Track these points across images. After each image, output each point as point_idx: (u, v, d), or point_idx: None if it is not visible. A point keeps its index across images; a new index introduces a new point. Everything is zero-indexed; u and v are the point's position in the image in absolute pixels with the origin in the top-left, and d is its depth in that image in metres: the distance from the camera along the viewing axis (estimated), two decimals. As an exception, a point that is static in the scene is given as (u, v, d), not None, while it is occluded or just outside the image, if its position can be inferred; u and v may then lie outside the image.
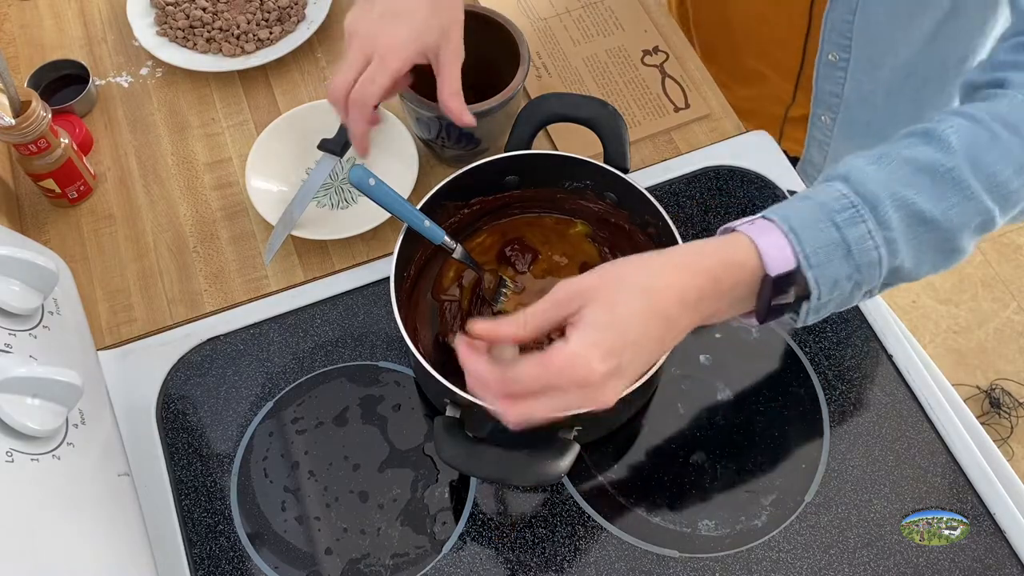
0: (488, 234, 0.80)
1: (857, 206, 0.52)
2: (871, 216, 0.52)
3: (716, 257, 0.53)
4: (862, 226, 0.52)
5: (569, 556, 0.70)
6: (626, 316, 0.51)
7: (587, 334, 0.51)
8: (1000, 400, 1.77)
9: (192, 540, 0.71)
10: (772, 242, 0.53)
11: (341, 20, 0.98)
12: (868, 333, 0.79)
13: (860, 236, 0.52)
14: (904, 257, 0.54)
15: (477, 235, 0.80)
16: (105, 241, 0.85)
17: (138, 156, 0.90)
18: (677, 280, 0.52)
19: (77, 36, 0.97)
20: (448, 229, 0.76)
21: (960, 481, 0.72)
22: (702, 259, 0.53)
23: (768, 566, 0.70)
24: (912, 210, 0.53)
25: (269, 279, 0.83)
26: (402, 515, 0.71)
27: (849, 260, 0.52)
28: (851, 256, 0.52)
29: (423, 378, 0.72)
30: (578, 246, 0.79)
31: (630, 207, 0.74)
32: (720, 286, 0.53)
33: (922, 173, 0.53)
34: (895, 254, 0.53)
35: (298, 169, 0.87)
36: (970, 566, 0.69)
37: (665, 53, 0.95)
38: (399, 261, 0.69)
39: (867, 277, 0.53)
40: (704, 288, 0.53)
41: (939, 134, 0.54)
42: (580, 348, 0.50)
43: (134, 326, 0.81)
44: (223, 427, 0.75)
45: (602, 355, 0.50)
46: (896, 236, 0.53)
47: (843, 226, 0.52)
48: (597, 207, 0.77)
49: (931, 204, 0.53)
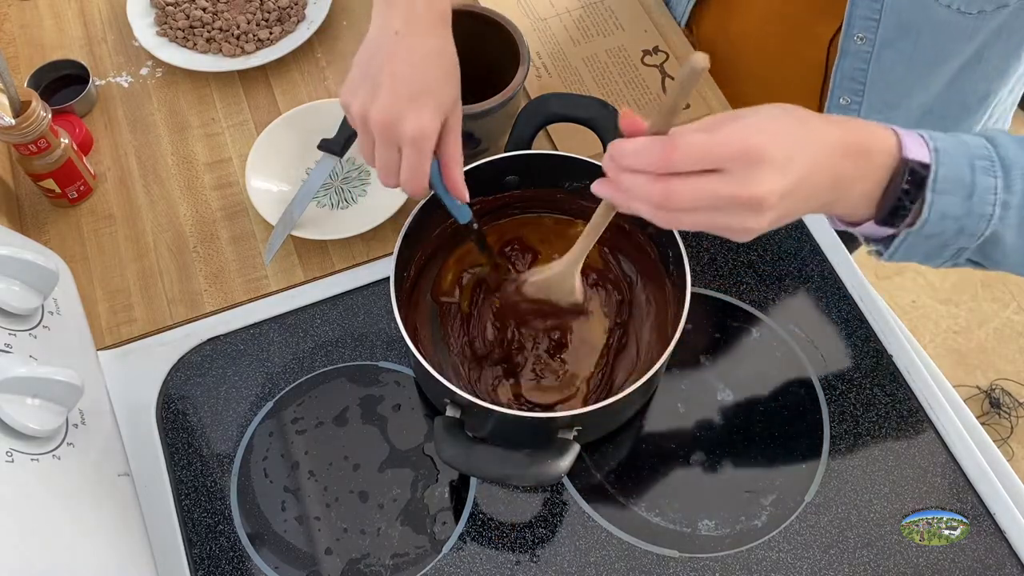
0: (487, 234, 0.79)
1: (994, 162, 0.55)
2: (1003, 175, 0.55)
3: (865, 129, 0.54)
4: (991, 179, 0.55)
5: (569, 556, 0.70)
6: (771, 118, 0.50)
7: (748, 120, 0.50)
8: (1000, 400, 1.77)
9: (192, 540, 0.71)
10: (915, 145, 0.54)
11: (341, 20, 0.98)
12: (868, 333, 0.79)
13: (986, 187, 0.55)
14: (1011, 227, 0.56)
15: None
16: (105, 241, 0.85)
17: (138, 156, 0.90)
18: (832, 127, 0.53)
19: (77, 36, 0.97)
20: (449, 229, 0.76)
21: (960, 481, 0.72)
22: (851, 122, 0.54)
23: (768, 566, 0.70)
24: None
25: (269, 279, 0.83)
26: (402, 515, 0.71)
27: (967, 202, 0.55)
28: (971, 199, 0.55)
29: (423, 378, 0.72)
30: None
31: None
32: (859, 147, 0.53)
33: None
34: (1006, 219, 0.56)
35: (298, 169, 0.87)
36: (970, 566, 0.69)
37: (665, 53, 0.95)
38: (399, 261, 0.69)
39: (973, 227, 0.56)
40: (844, 138, 0.53)
41: None
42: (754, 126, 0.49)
43: (134, 326, 0.81)
44: (223, 427, 0.75)
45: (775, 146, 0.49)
46: (1013, 202, 0.55)
47: (977, 171, 0.55)
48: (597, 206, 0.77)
49: None
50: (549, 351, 0.75)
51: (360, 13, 0.99)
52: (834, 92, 0.85)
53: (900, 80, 0.82)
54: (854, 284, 0.81)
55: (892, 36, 0.77)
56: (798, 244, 0.84)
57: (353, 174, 0.87)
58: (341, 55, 0.96)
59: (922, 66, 0.80)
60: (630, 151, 0.50)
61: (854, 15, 0.77)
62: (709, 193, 0.49)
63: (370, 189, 0.86)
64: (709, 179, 0.49)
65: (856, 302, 0.80)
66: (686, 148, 0.48)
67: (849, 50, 0.80)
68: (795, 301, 0.80)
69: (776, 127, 0.50)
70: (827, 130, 0.52)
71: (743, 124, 0.50)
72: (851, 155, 0.53)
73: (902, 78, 0.81)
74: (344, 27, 0.98)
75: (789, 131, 0.50)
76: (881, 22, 0.76)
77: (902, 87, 0.82)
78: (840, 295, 0.81)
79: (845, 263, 0.83)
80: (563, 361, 0.74)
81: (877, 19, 0.76)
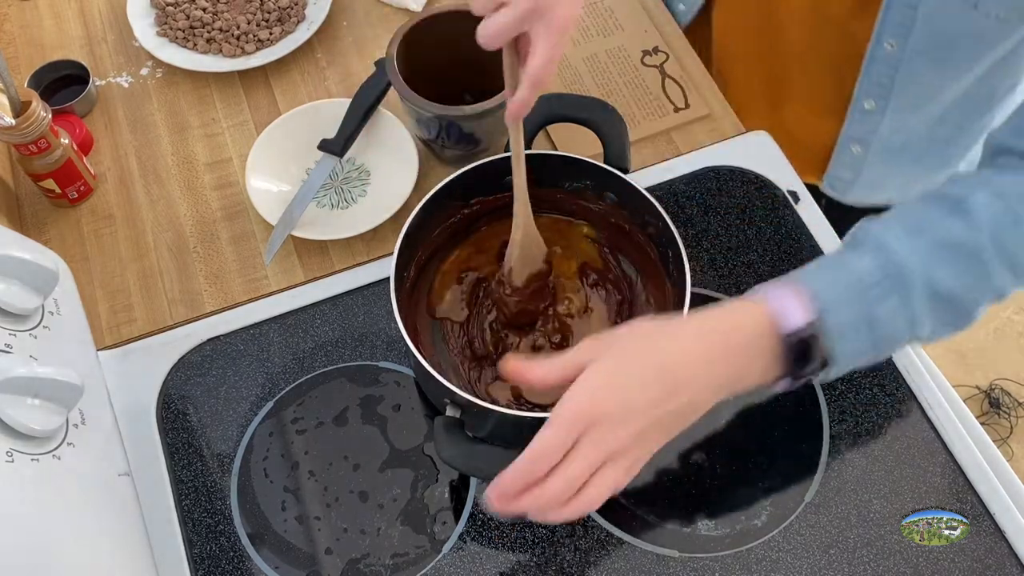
0: (488, 234, 0.79)
1: (886, 281, 0.55)
2: (900, 291, 0.55)
3: (726, 319, 0.55)
4: (889, 304, 0.55)
5: (569, 556, 0.70)
6: (626, 365, 0.53)
7: (587, 375, 0.52)
8: (1000, 400, 1.77)
9: (192, 540, 0.71)
10: (792, 310, 0.54)
11: (341, 20, 0.98)
12: (868, 333, 0.79)
13: (886, 314, 0.55)
14: (924, 329, 0.57)
15: (477, 235, 0.79)
16: (105, 241, 0.85)
17: (138, 156, 0.90)
18: (686, 343, 0.54)
19: (77, 36, 0.97)
20: (449, 229, 0.76)
21: (960, 481, 0.72)
22: (712, 322, 0.55)
23: (768, 566, 0.70)
24: (939, 289, 0.55)
25: (269, 279, 0.83)
26: (402, 515, 0.71)
27: (872, 334, 0.55)
28: (875, 330, 0.55)
29: (423, 378, 0.72)
30: (578, 246, 0.79)
31: (630, 207, 0.74)
32: (733, 348, 0.54)
33: (951, 250, 0.56)
34: (916, 330, 0.56)
35: (298, 169, 0.87)
36: (970, 566, 0.69)
37: (665, 53, 0.95)
38: (399, 261, 0.69)
39: (887, 348, 0.57)
40: (714, 347, 0.54)
41: (969, 208, 0.56)
42: (577, 388, 0.52)
43: (134, 326, 0.81)
44: (223, 427, 0.75)
45: (598, 391, 0.52)
46: (920, 314, 0.55)
47: (871, 302, 0.55)
48: (597, 207, 0.77)
49: (956, 282, 0.56)
50: (548, 351, 0.75)
51: (360, 13, 0.99)
52: (859, 96, 0.83)
53: (929, 83, 0.80)
54: (854, 284, 0.81)
55: (924, 45, 0.75)
56: (798, 244, 0.84)
57: (353, 174, 0.87)
58: (341, 55, 0.96)
59: (954, 70, 0.78)
60: (508, 483, 0.52)
61: (887, 20, 0.75)
62: (577, 472, 0.51)
63: (370, 189, 0.86)
64: (568, 462, 0.51)
65: (856, 302, 0.80)
66: (541, 449, 0.51)
67: (878, 56, 0.78)
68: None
69: (613, 375, 0.52)
70: (687, 348, 0.53)
71: (580, 389, 0.52)
72: (724, 359, 0.54)
73: (932, 82, 0.79)
74: (344, 27, 0.98)
75: (630, 373, 0.52)
76: (913, 30, 0.74)
77: (930, 90, 0.81)
78: (840, 295, 0.81)
79: (845, 263, 0.83)
80: None
81: (909, 26, 0.74)
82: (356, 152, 0.88)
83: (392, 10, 0.99)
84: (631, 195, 0.72)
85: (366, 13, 0.99)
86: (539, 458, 0.51)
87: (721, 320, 0.55)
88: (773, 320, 0.54)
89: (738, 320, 0.55)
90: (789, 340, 0.54)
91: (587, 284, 0.78)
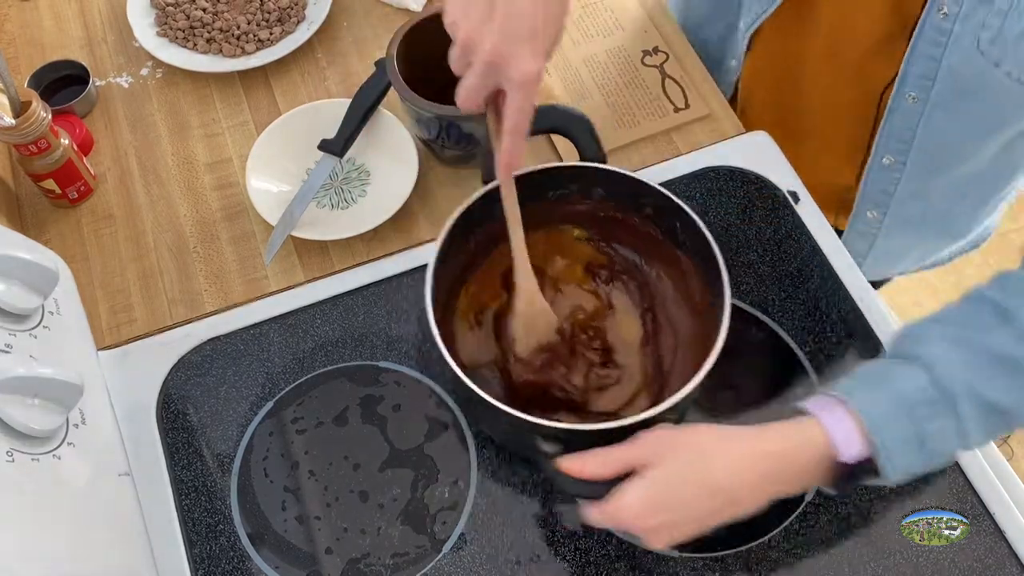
0: (487, 267, 0.77)
1: (937, 402, 0.56)
2: (950, 412, 0.56)
3: (788, 443, 0.58)
4: (940, 422, 0.56)
5: (569, 556, 0.70)
6: (679, 485, 0.57)
7: (640, 486, 0.57)
8: (1000, 400, 1.76)
9: (192, 540, 0.71)
10: (847, 439, 0.56)
11: (341, 20, 0.98)
12: (868, 333, 0.79)
13: (937, 430, 0.56)
14: (974, 439, 0.58)
15: (478, 272, 0.77)
16: (105, 241, 0.85)
17: (138, 156, 0.90)
18: (743, 465, 0.57)
19: (77, 36, 0.97)
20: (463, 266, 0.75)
21: (960, 481, 0.72)
22: (769, 444, 0.58)
23: (768, 566, 0.70)
24: (988, 402, 0.56)
25: (269, 279, 0.83)
26: (402, 515, 0.71)
27: (923, 450, 0.56)
28: (925, 447, 0.56)
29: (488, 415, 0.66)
30: (575, 250, 0.78)
31: (618, 195, 0.73)
32: (788, 470, 0.58)
33: (999, 364, 0.56)
34: (966, 441, 0.57)
35: (298, 169, 0.87)
36: (970, 566, 0.69)
37: (665, 53, 0.95)
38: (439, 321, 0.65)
39: (939, 460, 0.59)
40: (770, 471, 0.57)
41: (1015, 318, 0.57)
42: (629, 498, 0.57)
43: (134, 326, 0.81)
44: (223, 427, 0.75)
45: (647, 509, 0.57)
46: (970, 428, 0.56)
47: (921, 421, 0.56)
48: (584, 206, 0.76)
49: (1006, 395, 0.56)
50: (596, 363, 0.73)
51: (360, 13, 0.99)
52: (878, 151, 0.82)
53: (951, 144, 0.79)
54: (854, 284, 0.81)
55: (946, 98, 0.74)
56: (798, 244, 0.84)
57: (353, 174, 0.87)
58: (341, 55, 0.96)
59: (976, 132, 0.77)
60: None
61: (909, 72, 0.73)
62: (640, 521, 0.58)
63: (370, 189, 0.86)
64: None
65: (856, 302, 0.80)
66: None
67: (899, 108, 0.77)
68: (795, 301, 0.80)
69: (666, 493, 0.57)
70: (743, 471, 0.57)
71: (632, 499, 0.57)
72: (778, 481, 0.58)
73: (953, 143, 0.78)
74: (344, 27, 0.98)
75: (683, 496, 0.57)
76: (936, 82, 0.73)
77: (952, 152, 0.80)
78: (840, 295, 0.81)
79: (845, 263, 0.83)
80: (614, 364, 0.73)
81: (932, 78, 0.73)
82: (356, 152, 0.88)
83: (392, 10, 0.99)
84: (615, 181, 0.71)
85: (366, 13, 0.99)
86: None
87: (778, 443, 0.58)
88: (831, 449, 0.56)
89: (796, 446, 0.58)
90: (847, 470, 0.57)
91: (600, 282, 0.77)
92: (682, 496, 0.57)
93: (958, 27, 0.68)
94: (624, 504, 0.57)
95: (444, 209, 0.86)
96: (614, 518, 0.58)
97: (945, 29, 0.69)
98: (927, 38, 0.71)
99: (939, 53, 0.71)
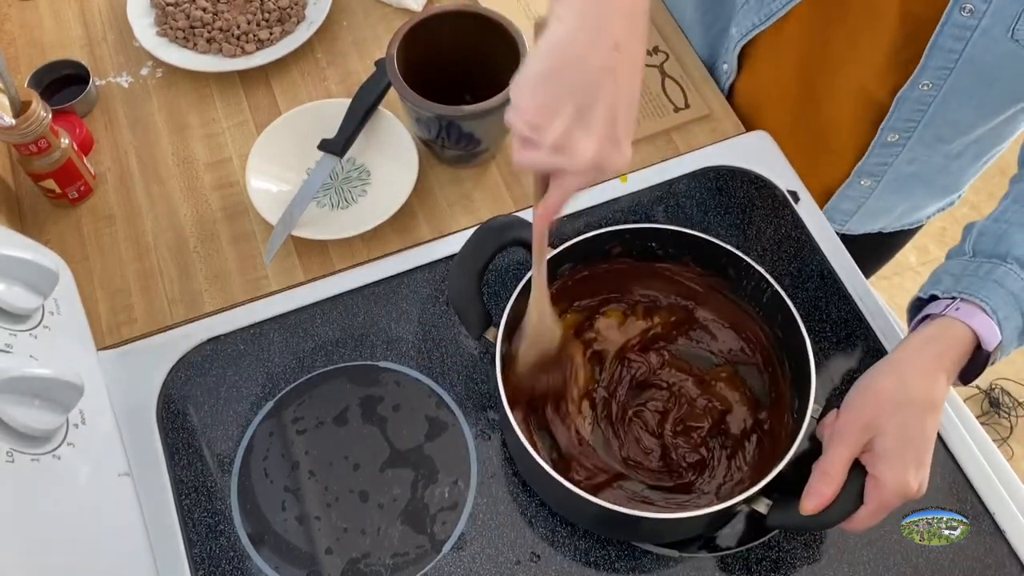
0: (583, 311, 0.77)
1: None
2: None
3: (954, 352, 0.65)
4: None
5: (569, 555, 0.70)
6: (912, 433, 0.62)
7: (894, 463, 0.62)
8: (1000, 400, 1.77)
9: (192, 540, 0.71)
10: (987, 329, 0.64)
11: (341, 20, 0.98)
12: (868, 333, 0.79)
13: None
14: None
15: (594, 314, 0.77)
16: (105, 241, 0.85)
17: (138, 156, 0.90)
18: (933, 385, 0.63)
19: (77, 36, 0.97)
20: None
21: (960, 481, 0.72)
22: (943, 360, 0.64)
23: (768, 566, 0.70)
24: None
25: (269, 279, 0.83)
26: (402, 515, 0.71)
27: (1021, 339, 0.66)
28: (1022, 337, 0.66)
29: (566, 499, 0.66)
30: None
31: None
32: (955, 366, 0.65)
33: None
34: None
35: (298, 169, 0.87)
36: (970, 566, 0.69)
37: (665, 53, 0.95)
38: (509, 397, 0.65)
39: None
40: (949, 377, 0.65)
41: None
42: (899, 476, 0.61)
43: (134, 326, 0.81)
44: (223, 427, 0.75)
45: (914, 472, 0.62)
46: None
47: None
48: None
49: None
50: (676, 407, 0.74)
51: (360, 13, 0.99)
52: (883, 132, 0.82)
53: (960, 121, 0.79)
54: (854, 284, 0.81)
55: (964, 83, 0.74)
56: (798, 244, 0.84)
57: (353, 174, 0.87)
58: (341, 55, 0.96)
59: (990, 108, 0.77)
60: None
61: (926, 66, 0.74)
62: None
63: (370, 189, 0.86)
64: None
65: (856, 302, 0.81)
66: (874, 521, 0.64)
67: (911, 96, 0.77)
68: (795, 301, 0.80)
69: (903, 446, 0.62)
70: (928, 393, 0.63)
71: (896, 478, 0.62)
72: (953, 374, 0.65)
73: (962, 119, 0.79)
74: (344, 27, 0.98)
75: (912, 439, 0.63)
76: (954, 71, 0.73)
77: (961, 126, 0.80)
78: (840, 295, 0.81)
79: (845, 263, 0.83)
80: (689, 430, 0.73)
81: (951, 68, 0.73)
82: (356, 152, 0.88)
83: (392, 10, 0.99)
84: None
85: (366, 13, 0.99)
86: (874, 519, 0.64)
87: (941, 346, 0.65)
88: (972, 344, 0.65)
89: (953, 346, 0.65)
90: (985, 356, 0.65)
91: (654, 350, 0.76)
92: (922, 435, 0.62)
93: (986, 21, 0.68)
94: (896, 486, 0.61)
95: (444, 209, 0.86)
96: (897, 501, 0.62)
97: (970, 25, 0.69)
98: (948, 34, 0.71)
99: (960, 46, 0.71)
